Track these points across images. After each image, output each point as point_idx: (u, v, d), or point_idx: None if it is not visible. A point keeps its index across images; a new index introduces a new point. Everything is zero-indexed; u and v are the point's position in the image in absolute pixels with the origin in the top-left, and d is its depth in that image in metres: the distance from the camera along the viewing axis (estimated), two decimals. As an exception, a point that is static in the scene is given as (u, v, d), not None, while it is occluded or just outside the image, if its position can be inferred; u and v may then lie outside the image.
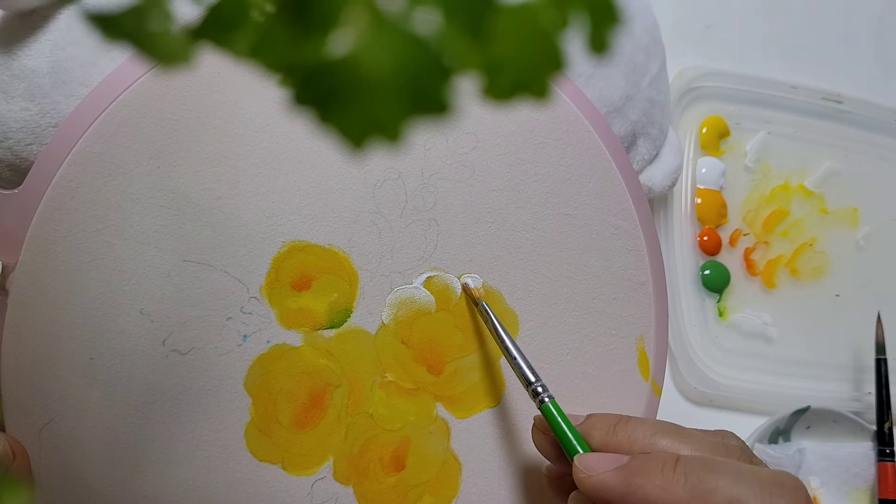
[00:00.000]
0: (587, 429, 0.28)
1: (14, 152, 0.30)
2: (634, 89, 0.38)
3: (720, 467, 0.25)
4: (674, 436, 0.27)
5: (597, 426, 0.28)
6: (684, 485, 0.24)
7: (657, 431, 0.27)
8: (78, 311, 0.28)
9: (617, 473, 0.25)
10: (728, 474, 0.24)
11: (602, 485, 0.25)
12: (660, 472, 0.25)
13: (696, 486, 0.24)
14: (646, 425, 0.28)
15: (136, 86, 0.29)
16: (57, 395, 0.28)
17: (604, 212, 0.35)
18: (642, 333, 0.35)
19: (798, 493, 0.24)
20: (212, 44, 0.11)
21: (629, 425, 0.28)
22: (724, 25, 0.51)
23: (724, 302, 0.46)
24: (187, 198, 0.29)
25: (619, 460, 0.26)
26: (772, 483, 0.24)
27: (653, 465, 0.25)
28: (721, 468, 0.25)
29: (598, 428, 0.28)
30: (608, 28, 0.11)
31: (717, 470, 0.24)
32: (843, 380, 0.47)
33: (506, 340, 0.30)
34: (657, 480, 0.25)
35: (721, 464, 0.25)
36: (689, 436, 0.27)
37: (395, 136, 0.11)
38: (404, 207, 0.32)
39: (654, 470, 0.25)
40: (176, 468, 0.29)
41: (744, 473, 0.24)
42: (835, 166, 0.49)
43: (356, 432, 0.31)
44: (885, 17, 0.54)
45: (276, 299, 0.30)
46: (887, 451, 0.44)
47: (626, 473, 0.25)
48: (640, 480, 0.25)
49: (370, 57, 0.10)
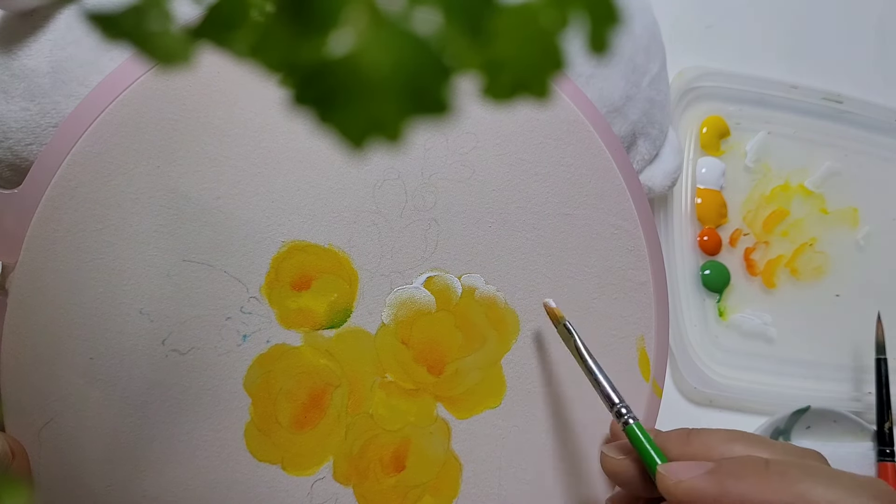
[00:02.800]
0: (660, 443, 0.28)
1: (14, 152, 0.30)
2: (634, 89, 0.38)
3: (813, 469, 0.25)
4: (749, 441, 0.27)
5: (670, 439, 0.28)
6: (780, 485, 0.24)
7: (731, 438, 0.27)
8: (77, 311, 0.28)
9: (709, 477, 0.25)
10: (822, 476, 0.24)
11: (694, 489, 0.25)
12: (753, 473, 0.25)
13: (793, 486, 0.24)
14: (719, 433, 0.28)
15: (136, 86, 0.29)
16: (56, 395, 0.28)
17: (604, 212, 0.35)
18: (643, 334, 0.35)
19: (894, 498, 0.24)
20: (212, 43, 0.11)
21: (702, 434, 0.28)
22: (724, 25, 0.51)
23: (724, 302, 0.46)
24: (187, 197, 0.29)
25: (705, 466, 0.26)
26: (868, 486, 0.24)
27: (745, 468, 0.25)
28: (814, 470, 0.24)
29: (671, 440, 0.28)
30: (608, 28, 0.11)
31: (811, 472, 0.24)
32: (843, 380, 0.47)
33: (589, 362, 0.30)
34: (752, 481, 0.24)
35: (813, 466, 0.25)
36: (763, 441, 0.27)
37: (395, 136, 0.11)
38: (404, 207, 0.32)
39: (747, 472, 0.25)
40: (175, 468, 0.29)
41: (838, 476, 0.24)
42: (835, 166, 0.49)
43: (356, 432, 0.31)
44: (885, 18, 0.54)
45: (275, 299, 0.30)
46: (887, 451, 0.44)
47: (718, 477, 0.25)
48: (734, 482, 0.25)
49: (370, 57, 0.10)
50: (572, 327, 0.31)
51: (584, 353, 0.30)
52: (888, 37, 0.54)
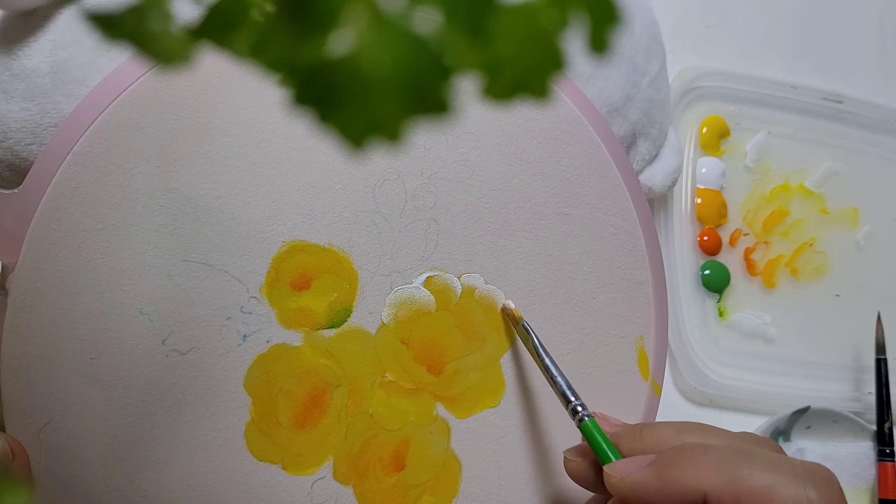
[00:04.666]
0: (615, 440, 0.28)
1: (14, 152, 0.30)
2: (634, 89, 0.38)
3: (752, 454, 0.25)
4: (701, 432, 0.27)
5: (623, 435, 0.28)
6: (717, 470, 0.24)
7: (683, 430, 0.27)
8: (78, 311, 0.28)
9: (649, 469, 0.25)
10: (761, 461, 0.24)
11: (637, 483, 0.25)
12: (691, 461, 0.25)
13: (730, 471, 0.24)
14: (671, 426, 0.28)
15: (136, 85, 0.29)
16: (56, 395, 0.28)
17: (603, 211, 0.35)
18: (642, 333, 0.35)
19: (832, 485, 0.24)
20: (212, 43, 0.11)
21: (655, 428, 0.28)
22: (724, 25, 0.51)
23: (724, 302, 0.46)
24: (187, 197, 0.29)
25: (647, 459, 0.26)
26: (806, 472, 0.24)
27: (684, 455, 0.25)
28: (754, 455, 0.25)
29: (624, 437, 0.28)
30: (608, 28, 0.11)
31: (749, 457, 0.24)
32: (843, 380, 0.47)
33: (546, 360, 0.30)
34: (690, 469, 0.24)
35: (753, 451, 0.25)
36: (715, 431, 0.27)
37: (395, 135, 0.11)
38: (404, 207, 0.32)
39: (685, 459, 0.25)
40: (176, 468, 0.29)
41: (777, 461, 0.24)
42: (835, 166, 0.49)
43: (356, 432, 0.31)
44: (885, 17, 0.54)
45: (275, 299, 0.30)
46: (887, 451, 0.44)
47: (658, 467, 0.25)
48: (674, 471, 0.25)
49: (370, 57, 0.10)
50: (529, 327, 0.32)
51: (541, 352, 0.31)
52: (888, 37, 0.54)
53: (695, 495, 0.24)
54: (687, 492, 0.24)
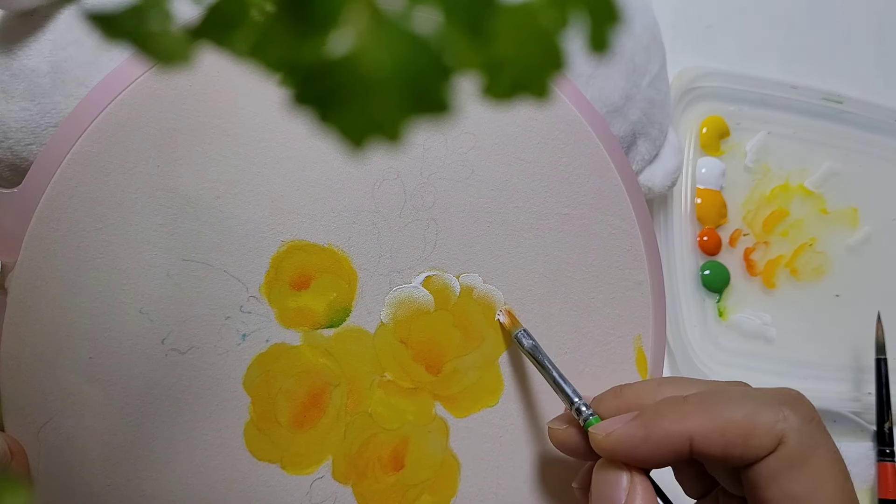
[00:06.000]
0: (595, 405, 0.29)
1: (14, 152, 0.30)
2: (634, 89, 0.38)
3: (728, 392, 0.26)
4: (679, 383, 0.28)
5: (603, 398, 0.29)
6: (698, 412, 0.25)
7: (661, 383, 0.28)
8: (77, 311, 0.28)
9: (634, 422, 0.26)
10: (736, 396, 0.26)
11: (623, 436, 0.26)
12: (673, 408, 0.26)
13: (710, 410, 0.25)
14: (649, 382, 0.29)
15: (136, 85, 0.29)
16: (56, 395, 0.28)
17: (602, 211, 0.35)
18: (640, 333, 0.35)
19: (803, 401, 0.26)
20: (212, 43, 0.11)
21: (634, 387, 0.29)
22: (724, 25, 0.51)
23: (724, 302, 0.46)
24: (187, 197, 0.29)
25: (630, 415, 0.27)
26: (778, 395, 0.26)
27: (665, 405, 0.26)
28: (729, 392, 0.26)
29: (604, 399, 0.29)
30: (608, 27, 0.11)
31: (726, 394, 0.26)
32: (843, 380, 0.47)
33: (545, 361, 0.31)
34: (673, 416, 0.25)
35: (728, 389, 0.26)
36: (689, 381, 0.28)
37: (394, 135, 0.11)
38: (403, 207, 0.32)
39: (667, 408, 0.26)
40: (175, 467, 0.29)
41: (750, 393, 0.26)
42: (835, 166, 0.49)
43: (355, 431, 0.31)
44: (885, 17, 0.54)
45: (275, 298, 0.30)
46: (887, 451, 0.44)
47: (642, 420, 0.26)
48: (657, 420, 0.25)
49: (370, 56, 0.10)
50: (527, 332, 0.32)
51: (540, 357, 0.31)
52: (888, 37, 0.54)
53: (681, 440, 0.25)
54: (673, 437, 0.25)
